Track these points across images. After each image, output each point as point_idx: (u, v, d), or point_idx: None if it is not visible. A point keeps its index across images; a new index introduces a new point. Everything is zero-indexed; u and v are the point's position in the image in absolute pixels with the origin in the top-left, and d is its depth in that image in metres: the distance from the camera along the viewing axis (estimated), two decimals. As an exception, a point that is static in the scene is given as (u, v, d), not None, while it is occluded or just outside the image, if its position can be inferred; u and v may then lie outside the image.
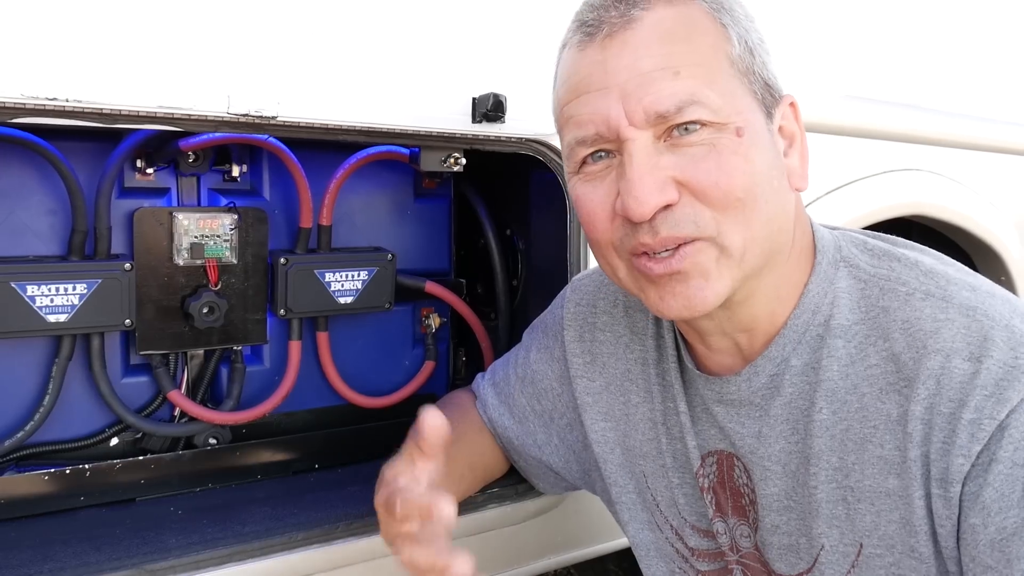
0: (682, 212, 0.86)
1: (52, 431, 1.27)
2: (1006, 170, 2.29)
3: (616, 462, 1.15)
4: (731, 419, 1.00)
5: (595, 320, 1.18)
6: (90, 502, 1.27)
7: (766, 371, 0.96)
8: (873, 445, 0.89)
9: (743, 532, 1.04)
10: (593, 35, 0.89)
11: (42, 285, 1.16)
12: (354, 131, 1.21)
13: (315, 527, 1.18)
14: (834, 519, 0.93)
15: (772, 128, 0.92)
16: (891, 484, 0.88)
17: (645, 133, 0.86)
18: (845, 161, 1.88)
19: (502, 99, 1.28)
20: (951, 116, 2.14)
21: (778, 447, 0.97)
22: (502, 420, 1.26)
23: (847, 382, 0.92)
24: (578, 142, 0.91)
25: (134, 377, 1.34)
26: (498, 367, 1.31)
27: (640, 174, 0.85)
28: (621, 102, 0.86)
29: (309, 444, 1.46)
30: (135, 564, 1.07)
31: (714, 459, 1.04)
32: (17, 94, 0.96)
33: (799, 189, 0.95)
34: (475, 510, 1.30)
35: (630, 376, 1.13)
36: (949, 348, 0.85)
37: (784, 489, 0.97)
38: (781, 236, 0.92)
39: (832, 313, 0.94)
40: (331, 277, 1.39)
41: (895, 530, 0.89)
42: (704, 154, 0.86)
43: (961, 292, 0.88)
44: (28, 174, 1.22)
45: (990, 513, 0.80)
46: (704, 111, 0.85)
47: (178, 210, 1.29)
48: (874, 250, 0.97)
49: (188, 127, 1.10)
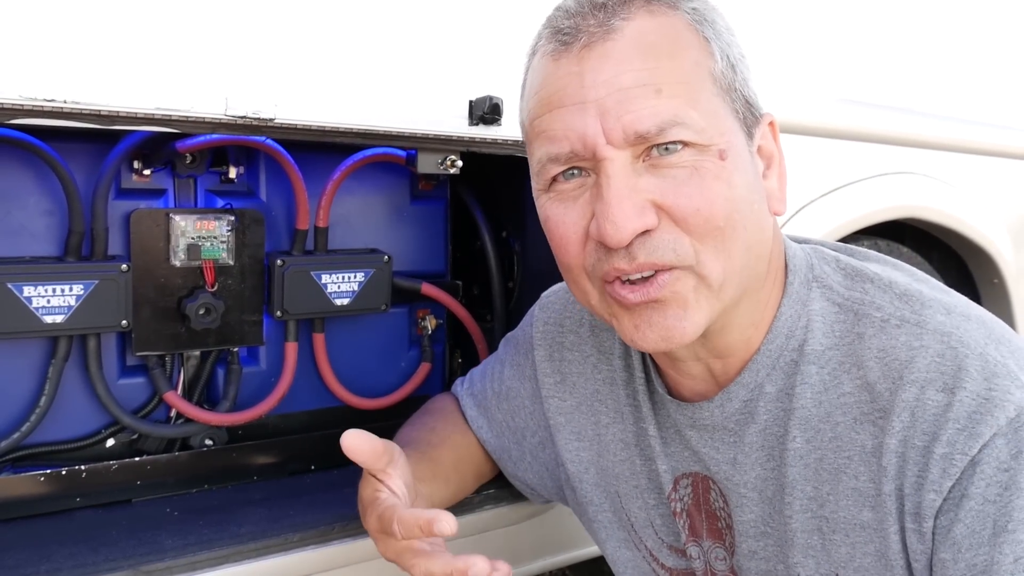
0: (661, 238, 0.82)
1: (48, 432, 1.27)
2: (999, 173, 2.30)
3: (591, 481, 1.13)
4: (705, 444, 0.98)
5: (563, 340, 1.16)
6: (86, 503, 1.27)
7: (739, 397, 0.94)
8: (847, 476, 0.87)
9: (718, 555, 1.02)
10: (569, 44, 0.84)
11: (39, 286, 1.16)
12: (351, 133, 1.21)
13: (311, 528, 1.18)
14: (809, 549, 0.91)
15: (752, 149, 0.88)
16: (866, 517, 0.86)
17: (623, 153, 0.82)
18: (839, 164, 1.89)
19: (498, 102, 1.28)
20: (944, 120, 2.15)
21: (754, 474, 0.95)
22: (481, 432, 1.25)
23: (820, 410, 0.89)
24: (550, 159, 0.86)
25: (130, 378, 1.34)
26: (476, 379, 1.29)
27: (618, 197, 0.81)
28: (599, 119, 0.81)
29: (305, 445, 1.46)
30: (131, 565, 1.07)
31: (689, 481, 1.02)
32: (15, 95, 0.96)
33: (777, 213, 0.92)
34: (471, 511, 1.30)
35: (599, 396, 1.11)
36: (924, 379, 0.82)
37: (760, 516, 0.96)
38: (759, 264, 0.89)
39: (806, 338, 0.91)
40: (327, 279, 1.39)
41: (871, 562, 0.87)
42: (686, 177, 0.82)
43: (936, 316, 0.86)
44: (25, 175, 1.22)
45: (960, 549, 0.79)
46: (687, 132, 0.81)
47: (175, 211, 1.29)
48: (847, 269, 0.94)
49: (185, 129, 1.10)
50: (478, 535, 1.34)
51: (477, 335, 1.60)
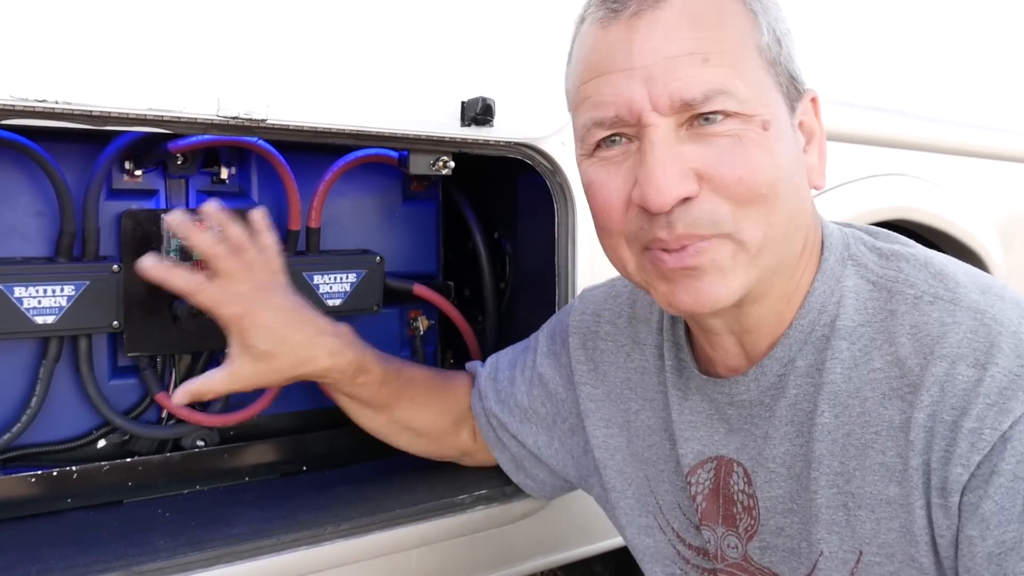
0: (700, 208, 0.83)
1: (39, 433, 1.26)
2: (989, 175, 2.32)
3: (616, 467, 1.15)
4: (744, 420, 0.98)
5: (598, 329, 1.18)
6: (77, 504, 1.26)
7: (773, 371, 0.94)
8: (874, 451, 0.87)
9: (730, 543, 1.03)
10: (619, 12, 0.85)
11: (29, 286, 1.15)
12: (343, 134, 1.21)
13: (304, 529, 1.18)
14: (834, 525, 0.91)
15: (794, 122, 0.90)
16: (892, 492, 0.86)
17: (668, 120, 0.83)
18: (830, 166, 1.89)
19: (491, 103, 1.29)
20: (935, 121, 2.16)
21: (782, 449, 0.95)
22: (502, 416, 1.26)
23: (850, 385, 0.89)
24: (595, 123, 0.87)
25: (122, 379, 1.34)
26: (502, 366, 1.31)
27: (662, 163, 0.82)
28: (646, 86, 0.82)
29: (297, 446, 1.46)
30: (123, 566, 1.06)
31: (712, 465, 1.03)
32: (6, 96, 0.96)
33: (817, 187, 0.93)
34: (462, 512, 1.30)
35: (630, 384, 1.13)
36: (955, 354, 0.82)
37: (788, 492, 0.95)
38: (798, 235, 0.90)
39: (838, 313, 0.91)
40: (319, 279, 1.39)
41: (895, 539, 0.86)
42: (729, 146, 0.83)
43: (970, 295, 0.85)
44: (16, 176, 1.21)
45: (989, 526, 0.78)
46: (731, 102, 0.82)
47: (167, 212, 1.29)
48: (883, 250, 0.95)
49: (177, 129, 1.10)
50: (469, 536, 1.34)
51: (469, 336, 1.60)
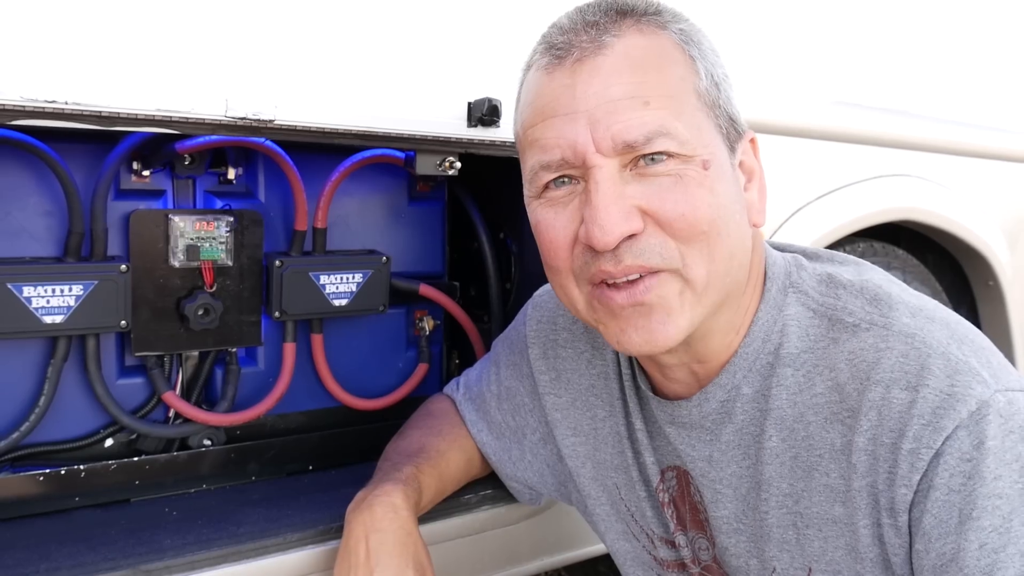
0: (647, 242, 0.86)
1: (47, 432, 1.27)
2: (994, 175, 2.31)
3: (588, 475, 1.16)
4: (682, 441, 1.02)
5: (556, 337, 1.19)
6: (85, 503, 1.27)
7: (716, 397, 0.97)
8: (819, 473, 0.91)
9: (702, 545, 1.06)
10: (563, 59, 0.88)
11: (38, 286, 1.16)
12: (350, 134, 1.22)
13: (310, 528, 1.19)
14: (785, 543, 0.95)
15: (734, 162, 0.92)
16: (837, 512, 0.90)
17: (612, 161, 0.85)
18: (834, 166, 1.90)
19: (497, 104, 1.29)
20: (939, 122, 2.16)
21: (729, 471, 0.98)
22: (481, 436, 1.27)
23: (795, 410, 0.93)
24: (542, 166, 0.89)
25: (129, 378, 1.34)
26: (471, 383, 1.32)
27: (606, 202, 0.84)
28: (589, 128, 0.85)
29: (303, 446, 1.46)
30: (130, 564, 1.07)
31: (673, 473, 1.06)
32: (16, 96, 0.96)
33: (757, 225, 0.95)
34: (468, 512, 1.31)
35: (594, 391, 1.14)
36: (889, 379, 0.85)
37: (734, 512, 0.99)
38: (740, 271, 0.92)
39: (782, 342, 0.94)
40: (326, 279, 1.40)
41: (841, 556, 0.90)
42: (671, 185, 0.85)
43: (902, 318, 0.89)
44: (25, 176, 1.22)
45: (930, 539, 0.82)
46: (672, 143, 0.85)
47: (174, 212, 1.30)
48: (822, 275, 0.97)
49: (186, 130, 1.10)
50: (475, 535, 1.34)
51: (474, 336, 1.60)
